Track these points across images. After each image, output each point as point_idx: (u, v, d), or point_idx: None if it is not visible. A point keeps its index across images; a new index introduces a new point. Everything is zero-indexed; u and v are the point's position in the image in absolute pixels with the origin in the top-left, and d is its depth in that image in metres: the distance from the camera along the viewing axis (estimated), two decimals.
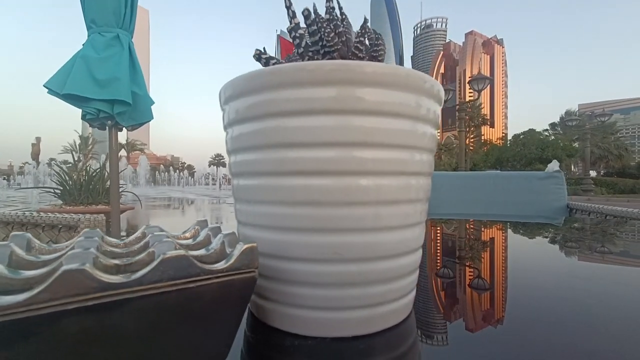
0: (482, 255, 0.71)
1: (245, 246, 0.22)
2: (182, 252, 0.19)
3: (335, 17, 0.33)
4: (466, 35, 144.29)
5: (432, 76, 0.31)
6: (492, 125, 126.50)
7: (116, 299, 0.17)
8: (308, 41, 0.32)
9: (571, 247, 0.83)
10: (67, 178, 3.60)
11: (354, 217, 0.28)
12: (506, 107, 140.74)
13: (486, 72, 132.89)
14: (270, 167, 0.29)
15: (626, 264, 0.66)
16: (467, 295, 0.45)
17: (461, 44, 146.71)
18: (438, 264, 0.62)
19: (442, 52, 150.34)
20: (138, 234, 0.29)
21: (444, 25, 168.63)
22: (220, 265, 0.21)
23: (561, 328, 0.33)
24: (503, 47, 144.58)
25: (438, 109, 0.33)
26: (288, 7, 0.33)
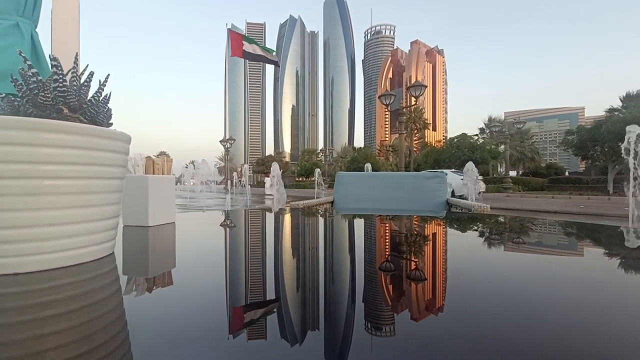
0: (379, 245, 0.87)
1: None
2: None
3: (56, 76, 0.58)
4: (412, 43, 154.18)
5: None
6: (434, 129, 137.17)
7: None
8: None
9: (457, 235, 1.08)
10: None
11: None
12: (446, 112, 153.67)
13: (429, 79, 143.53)
14: None
15: (504, 246, 0.85)
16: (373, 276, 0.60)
17: (407, 52, 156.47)
18: (330, 251, 0.77)
19: (390, 58, 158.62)
20: None
21: (392, 32, 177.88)
22: None
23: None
24: (443, 57, 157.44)
25: (114, 143, 0.59)
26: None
